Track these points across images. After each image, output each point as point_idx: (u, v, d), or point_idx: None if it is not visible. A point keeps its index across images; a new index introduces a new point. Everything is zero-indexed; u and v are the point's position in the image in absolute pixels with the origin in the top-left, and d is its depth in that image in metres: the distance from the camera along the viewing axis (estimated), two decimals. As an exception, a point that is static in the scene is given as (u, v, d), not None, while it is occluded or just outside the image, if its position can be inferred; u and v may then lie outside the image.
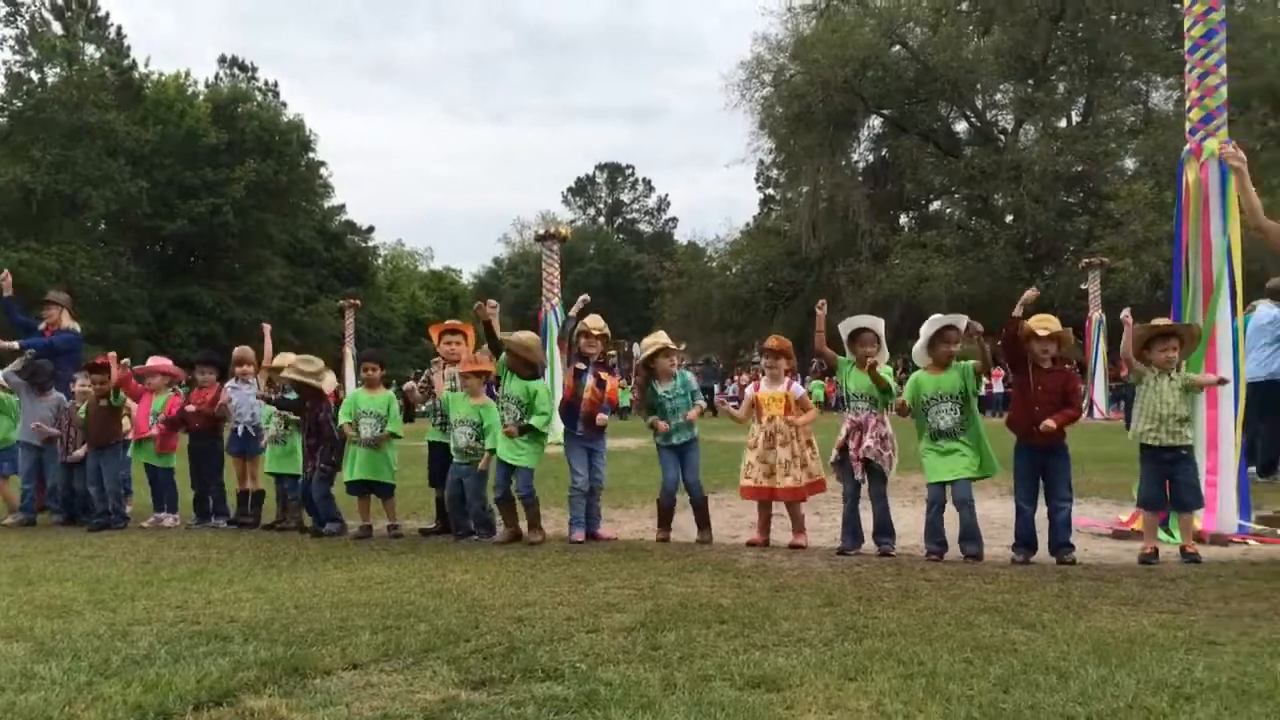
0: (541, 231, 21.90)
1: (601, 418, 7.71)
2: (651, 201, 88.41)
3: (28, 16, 44.01)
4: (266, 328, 10.23)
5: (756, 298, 49.14)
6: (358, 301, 33.07)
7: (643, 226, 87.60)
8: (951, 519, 6.59)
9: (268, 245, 50.06)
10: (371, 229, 64.67)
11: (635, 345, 49.83)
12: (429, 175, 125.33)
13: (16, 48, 43.48)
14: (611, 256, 73.95)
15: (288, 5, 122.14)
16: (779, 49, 46.46)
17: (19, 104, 43.16)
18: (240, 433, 9.32)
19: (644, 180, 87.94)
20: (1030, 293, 6.59)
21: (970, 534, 6.52)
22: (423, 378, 8.69)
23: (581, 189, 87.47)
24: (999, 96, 47.01)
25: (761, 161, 54.24)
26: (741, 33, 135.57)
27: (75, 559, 7.21)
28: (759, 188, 61.50)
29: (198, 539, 8.27)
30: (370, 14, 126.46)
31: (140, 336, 39.93)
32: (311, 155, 53.43)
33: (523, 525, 7.72)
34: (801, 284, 47.24)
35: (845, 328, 7.15)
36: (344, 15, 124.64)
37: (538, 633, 4.56)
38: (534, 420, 7.66)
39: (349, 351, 28.26)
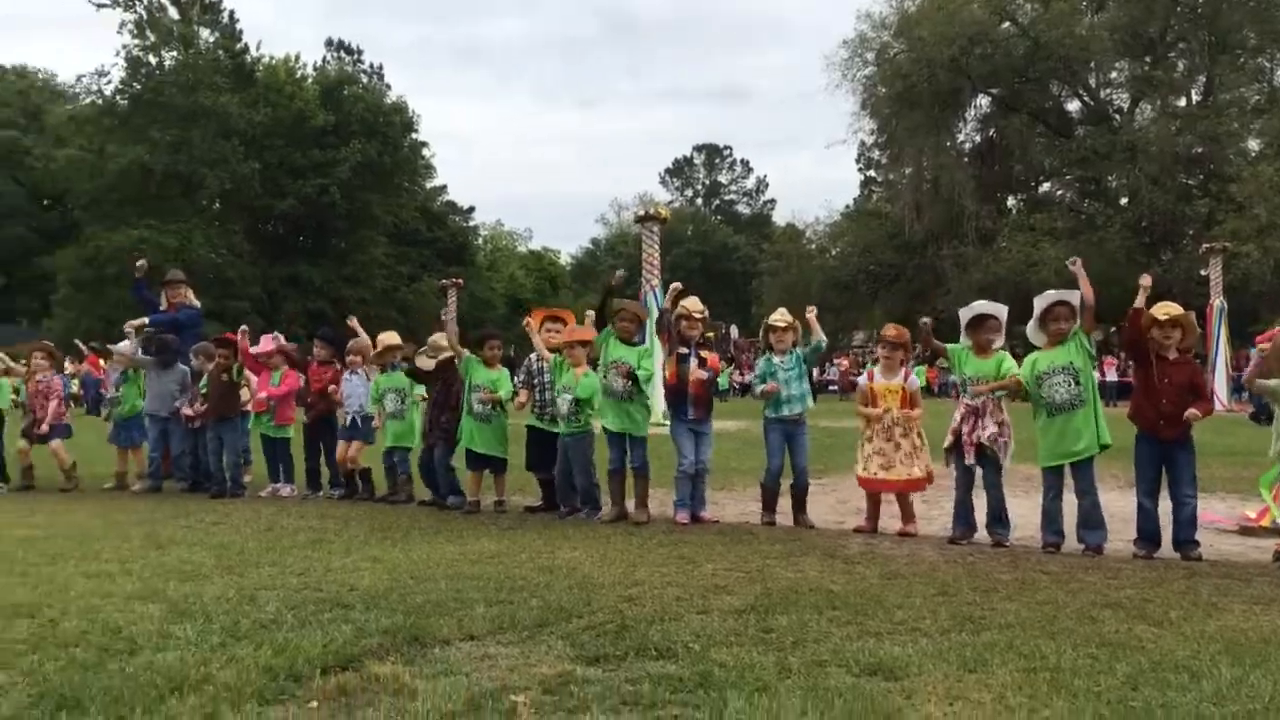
0: (641, 213, 21.91)
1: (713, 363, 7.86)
2: (750, 183, 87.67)
3: (145, 2, 45.51)
4: (353, 322, 10.26)
5: (857, 280, 48.51)
6: (460, 281, 33.31)
7: (740, 208, 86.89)
8: (1069, 507, 6.42)
9: (372, 225, 51.06)
10: (472, 209, 65.54)
11: (733, 327, 49.34)
12: (522, 158, 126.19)
13: (135, 32, 45.01)
14: (709, 238, 73.69)
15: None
16: (883, 26, 45.55)
17: (138, 86, 44.82)
18: (349, 421, 9.54)
19: (742, 161, 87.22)
20: (1145, 278, 6.34)
21: (1090, 521, 6.33)
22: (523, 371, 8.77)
23: (679, 170, 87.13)
24: (1114, 75, 45.21)
25: (863, 142, 53.44)
26: (819, 13, 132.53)
27: (201, 525, 7.52)
28: (860, 169, 60.78)
29: (314, 509, 8.53)
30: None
31: (252, 313, 41.11)
32: (414, 136, 54.33)
33: (629, 503, 7.77)
34: (903, 267, 46.49)
35: (966, 313, 7.00)
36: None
37: (648, 612, 4.58)
38: (641, 375, 7.74)
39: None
